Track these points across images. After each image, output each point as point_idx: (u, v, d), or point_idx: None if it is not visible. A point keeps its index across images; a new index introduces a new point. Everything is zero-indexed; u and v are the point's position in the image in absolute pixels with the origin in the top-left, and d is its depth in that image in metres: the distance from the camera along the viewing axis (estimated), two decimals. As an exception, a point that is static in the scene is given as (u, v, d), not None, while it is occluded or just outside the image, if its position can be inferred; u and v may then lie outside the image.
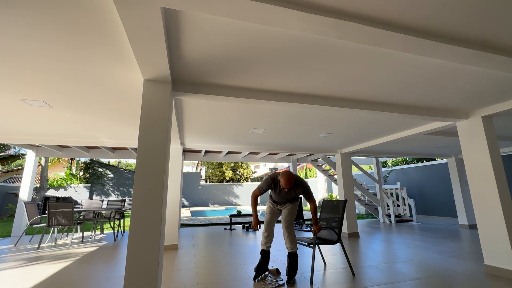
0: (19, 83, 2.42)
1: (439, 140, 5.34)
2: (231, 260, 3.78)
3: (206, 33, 1.70)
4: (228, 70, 2.21)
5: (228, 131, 4.39)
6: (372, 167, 11.76)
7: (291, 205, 3.07)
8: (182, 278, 3.02)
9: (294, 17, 1.40)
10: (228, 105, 3.16)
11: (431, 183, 9.38)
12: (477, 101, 3.05)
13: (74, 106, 3.08)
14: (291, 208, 3.06)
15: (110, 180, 14.04)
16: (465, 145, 3.52)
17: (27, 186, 6.28)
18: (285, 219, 3.04)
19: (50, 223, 4.69)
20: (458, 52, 1.78)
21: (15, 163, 14.55)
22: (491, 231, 3.12)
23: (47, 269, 3.35)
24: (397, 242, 5.03)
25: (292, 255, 2.95)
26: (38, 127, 4.10)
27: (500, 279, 2.89)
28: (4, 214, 10.22)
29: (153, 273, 1.83)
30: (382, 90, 2.69)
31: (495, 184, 3.12)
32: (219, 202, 16.21)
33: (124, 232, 6.31)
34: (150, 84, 2.14)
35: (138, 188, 1.93)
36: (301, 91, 2.69)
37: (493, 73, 2.34)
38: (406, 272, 3.15)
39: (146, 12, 1.33)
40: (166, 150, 2.07)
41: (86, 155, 6.77)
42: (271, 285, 2.71)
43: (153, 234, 1.88)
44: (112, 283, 2.85)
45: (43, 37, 1.68)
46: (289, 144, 5.62)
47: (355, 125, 4.11)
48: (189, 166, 26.22)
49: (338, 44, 1.85)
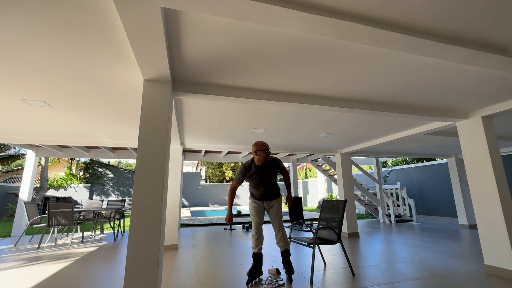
0: (19, 83, 2.42)
1: (439, 140, 5.34)
2: (231, 260, 3.78)
3: (206, 33, 1.70)
4: (228, 70, 2.21)
5: (228, 131, 4.39)
6: (372, 167, 11.76)
7: (276, 203, 3.03)
8: (182, 278, 3.02)
9: (294, 17, 1.40)
10: (228, 105, 3.16)
11: (431, 183, 9.38)
12: (477, 101, 3.05)
13: (74, 106, 3.08)
14: (276, 206, 3.03)
15: (110, 180, 14.04)
16: (465, 145, 3.52)
17: (27, 186, 6.28)
18: (275, 219, 3.01)
19: (50, 223, 4.69)
20: (458, 52, 1.78)
21: (15, 163, 14.55)
22: (491, 231, 3.11)
23: (47, 269, 3.35)
24: (397, 242, 5.03)
25: (286, 252, 2.99)
26: (38, 127, 4.10)
27: (500, 279, 2.89)
28: (4, 214, 10.22)
29: (153, 273, 1.83)
30: (382, 90, 2.69)
31: (495, 184, 3.11)
32: (219, 202, 16.20)
33: (124, 232, 6.31)
34: (150, 84, 2.14)
35: (138, 188, 1.93)
36: (301, 91, 2.69)
37: (493, 73, 2.34)
38: (406, 272, 3.15)
39: (146, 12, 1.33)
40: (166, 150, 2.07)
41: (86, 155, 6.77)
42: (271, 285, 2.71)
43: (153, 234, 1.88)
44: (112, 283, 2.85)
45: (43, 36, 1.68)
46: (289, 144, 5.63)
47: (355, 125, 4.11)
48: (189, 166, 26.21)
49: (338, 44, 1.85)
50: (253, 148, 2.91)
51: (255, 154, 2.90)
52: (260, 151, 2.86)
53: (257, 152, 2.88)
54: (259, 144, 2.89)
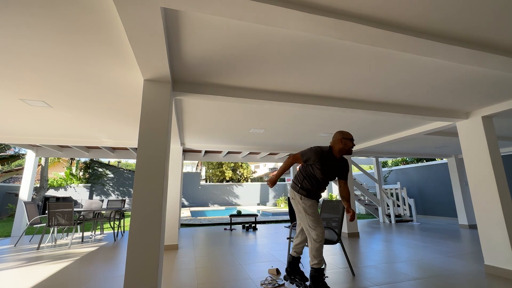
0: (19, 83, 2.42)
1: (439, 140, 5.34)
2: (231, 260, 3.78)
3: (206, 33, 1.70)
4: (228, 70, 2.21)
5: (228, 131, 4.39)
6: (372, 167, 11.75)
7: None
8: (182, 278, 3.02)
9: (294, 17, 1.40)
10: (228, 105, 3.15)
11: (431, 183, 9.38)
12: (477, 101, 3.05)
13: (74, 106, 3.08)
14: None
15: (110, 180, 14.04)
16: (465, 145, 3.52)
17: (27, 186, 6.27)
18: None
19: (50, 223, 4.69)
20: (458, 52, 1.78)
21: (15, 163, 14.55)
22: (491, 231, 3.11)
23: (47, 269, 3.35)
24: (397, 242, 5.02)
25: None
26: (38, 127, 4.10)
27: (500, 279, 2.89)
28: (4, 214, 10.22)
29: (153, 273, 1.83)
30: (382, 90, 2.69)
31: (495, 184, 3.11)
32: (219, 202, 16.20)
33: (124, 232, 6.31)
34: (150, 84, 2.14)
35: (138, 188, 1.93)
36: (301, 91, 2.69)
37: (493, 73, 2.34)
38: (406, 272, 3.15)
39: (146, 12, 1.33)
40: (166, 150, 2.07)
41: (86, 155, 6.77)
42: (271, 285, 2.71)
43: (153, 234, 1.88)
44: (112, 283, 2.85)
45: (43, 36, 1.68)
46: (289, 144, 5.63)
47: (355, 125, 4.11)
48: (189, 166, 26.21)
49: (338, 44, 1.85)
50: (338, 135, 2.51)
51: (339, 142, 2.48)
52: (346, 140, 2.46)
53: (342, 141, 2.47)
54: (345, 133, 2.50)
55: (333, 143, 2.55)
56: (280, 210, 13.01)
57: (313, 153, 2.47)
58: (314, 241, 2.41)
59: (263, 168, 28.75)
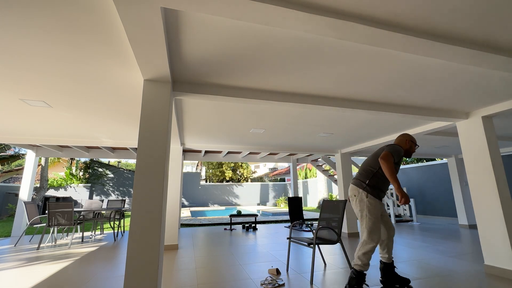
0: (19, 83, 2.42)
1: (439, 140, 5.34)
2: (231, 260, 3.78)
3: (206, 33, 1.70)
4: (228, 70, 2.21)
5: (228, 131, 4.39)
6: (372, 167, 11.73)
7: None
8: (182, 278, 3.02)
9: (294, 17, 1.40)
10: (228, 105, 3.15)
11: (431, 183, 9.38)
12: (477, 101, 3.05)
13: (74, 106, 3.08)
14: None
15: (110, 180, 14.04)
16: (465, 145, 3.52)
17: (27, 186, 6.28)
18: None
19: (50, 223, 4.69)
20: (458, 52, 1.78)
21: (15, 163, 14.55)
22: (491, 231, 3.11)
23: (47, 269, 3.35)
24: (397, 242, 5.02)
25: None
26: (38, 127, 4.10)
27: (500, 279, 2.89)
28: (4, 214, 10.22)
29: (153, 273, 1.83)
30: (382, 90, 2.69)
31: (495, 184, 3.11)
32: (219, 202, 16.21)
33: (124, 232, 6.31)
34: (150, 84, 2.14)
35: (138, 188, 1.93)
36: (302, 91, 2.69)
37: (493, 73, 2.34)
38: (406, 272, 3.15)
39: (146, 12, 1.33)
40: (166, 150, 2.07)
41: (86, 155, 6.77)
42: (271, 285, 2.71)
43: (153, 234, 1.88)
44: (112, 283, 2.85)
45: (43, 36, 1.68)
46: (289, 144, 5.63)
47: (355, 125, 4.11)
48: (189, 166, 26.23)
49: (338, 44, 1.85)
50: (406, 136, 2.71)
51: (406, 143, 2.69)
52: (413, 144, 2.69)
53: (408, 142, 2.69)
54: (413, 137, 2.72)
55: (399, 142, 2.71)
56: (280, 210, 13.02)
57: (398, 154, 2.51)
58: (366, 243, 2.41)
59: (263, 168, 28.77)
